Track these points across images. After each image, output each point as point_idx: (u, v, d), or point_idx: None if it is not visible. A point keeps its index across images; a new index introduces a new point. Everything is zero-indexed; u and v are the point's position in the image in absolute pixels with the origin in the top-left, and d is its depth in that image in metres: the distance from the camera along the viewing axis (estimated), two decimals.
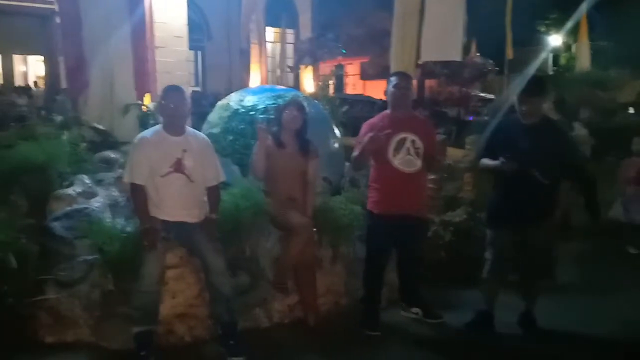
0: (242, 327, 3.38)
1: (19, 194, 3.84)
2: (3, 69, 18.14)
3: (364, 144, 3.50)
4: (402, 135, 3.54)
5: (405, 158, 3.54)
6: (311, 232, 3.67)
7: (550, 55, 17.86)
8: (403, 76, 3.79)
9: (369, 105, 12.34)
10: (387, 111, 3.72)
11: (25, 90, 16.11)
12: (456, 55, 6.76)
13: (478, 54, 14.40)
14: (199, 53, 18.14)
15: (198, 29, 15.47)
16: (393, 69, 6.52)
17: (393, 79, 3.71)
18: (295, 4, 17.68)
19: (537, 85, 3.50)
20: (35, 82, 18.19)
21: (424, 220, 3.81)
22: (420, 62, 7.91)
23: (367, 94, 16.37)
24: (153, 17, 5.56)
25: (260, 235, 3.71)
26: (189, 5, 5.89)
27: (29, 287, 3.29)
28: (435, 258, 4.36)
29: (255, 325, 3.61)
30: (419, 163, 3.57)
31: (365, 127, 3.66)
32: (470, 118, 11.97)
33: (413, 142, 3.55)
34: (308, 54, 15.82)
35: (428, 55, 6.90)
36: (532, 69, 6.28)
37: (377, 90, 16.60)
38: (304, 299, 3.70)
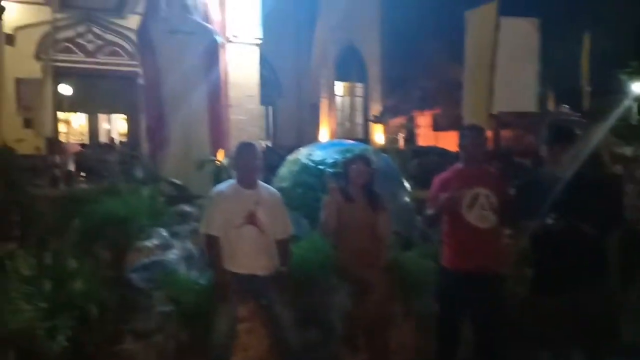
0: None
1: (102, 246, 4.16)
2: (89, 127, 19.85)
3: (438, 203, 3.55)
4: (476, 190, 3.55)
5: (479, 213, 3.53)
6: (382, 287, 3.70)
7: (635, 104, 17.12)
8: (475, 129, 3.83)
9: (442, 157, 12.29)
10: (460, 165, 3.76)
11: (109, 146, 17.45)
12: (530, 106, 6.71)
13: (566, 105, 14.16)
14: (270, 108, 19.00)
15: (269, 85, 16.30)
16: (466, 121, 6.56)
17: (465, 133, 3.76)
18: (364, 58, 18.28)
19: (558, 133, 3.47)
20: (112, 139, 19.68)
21: (499, 276, 3.74)
22: (494, 112, 7.88)
23: (440, 145, 16.34)
24: (228, 77, 5.98)
25: (330, 289, 3.79)
26: (261, 63, 6.29)
27: (107, 337, 3.52)
28: (511, 315, 4.16)
29: None
30: (494, 218, 3.55)
31: (436, 182, 3.70)
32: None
33: (487, 197, 3.54)
34: (391, 108, 16.12)
35: (501, 106, 6.89)
36: (614, 118, 6.10)
37: (450, 141, 16.53)
38: (375, 357, 3.69)
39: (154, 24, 5.68)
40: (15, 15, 14.71)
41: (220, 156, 5.52)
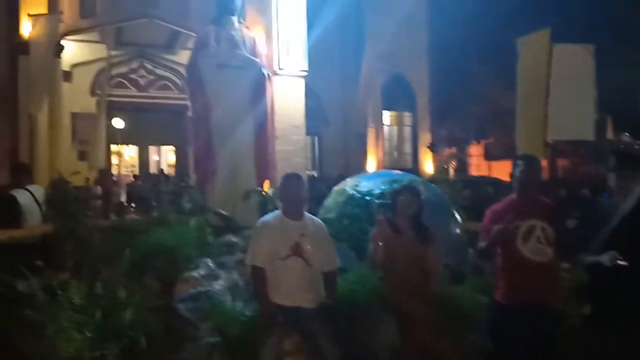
0: None
1: (151, 276, 4.29)
2: (140, 158, 20.66)
3: (491, 235, 3.49)
4: (531, 222, 3.47)
5: (535, 247, 3.44)
6: (431, 321, 3.64)
7: None
8: (529, 159, 3.76)
9: (495, 187, 12.08)
10: (513, 196, 3.69)
11: (159, 177, 18.08)
12: (586, 134, 6.54)
13: (627, 134, 13.74)
14: (316, 138, 19.23)
15: (315, 114, 16.54)
16: (519, 150, 6.45)
17: (519, 163, 3.68)
18: (411, 87, 18.30)
19: (625, 160, 3.37)
20: (162, 170, 20.34)
21: (555, 311, 3.62)
22: (549, 141, 7.72)
23: (493, 175, 16.05)
24: (274, 109, 6.14)
25: (377, 322, 3.75)
26: (306, 93, 6.43)
27: None
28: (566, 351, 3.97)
29: None
30: (550, 251, 3.45)
31: (489, 214, 3.65)
32: (605, 196, 11.17)
33: (543, 229, 3.46)
34: (446, 138, 16.04)
35: (556, 134, 6.75)
36: None
37: (503, 171, 16.21)
38: None
39: (203, 59, 5.93)
40: (72, 53, 15.63)
41: (266, 187, 5.64)
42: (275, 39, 6.05)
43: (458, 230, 4.82)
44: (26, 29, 14.03)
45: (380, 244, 3.81)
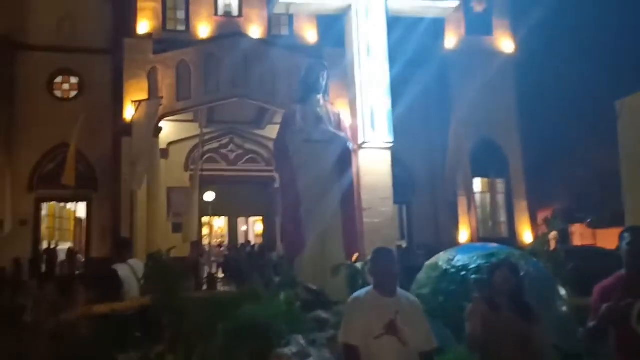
0: None
1: (242, 351, 4.35)
2: (229, 228, 21.44)
3: (600, 315, 3.27)
4: None
5: None
6: None
7: None
8: (637, 231, 3.54)
9: (602, 258, 11.26)
10: (622, 271, 3.46)
11: (248, 247, 18.62)
12: None
13: None
14: (404, 206, 19.09)
15: (403, 183, 16.53)
16: (627, 221, 6.07)
17: (626, 235, 3.49)
18: (502, 151, 17.91)
19: None
20: (249, 242, 20.89)
21: None
22: None
23: (599, 244, 15.05)
24: (360, 181, 6.22)
25: None
26: (393, 162, 6.47)
27: None
28: None
29: None
30: None
31: (598, 290, 3.44)
32: None
33: None
34: (562, 212, 15.39)
35: None
36: None
37: (610, 240, 15.16)
38: None
39: (291, 135, 6.20)
40: (168, 132, 16.96)
41: (355, 260, 5.63)
42: (360, 112, 6.21)
43: (565, 308, 4.53)
44: (129, 113, 15.48)
45: (477, 323, 3.64)
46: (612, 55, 17.67)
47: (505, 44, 19.35)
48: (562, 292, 4.69)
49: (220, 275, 17.35)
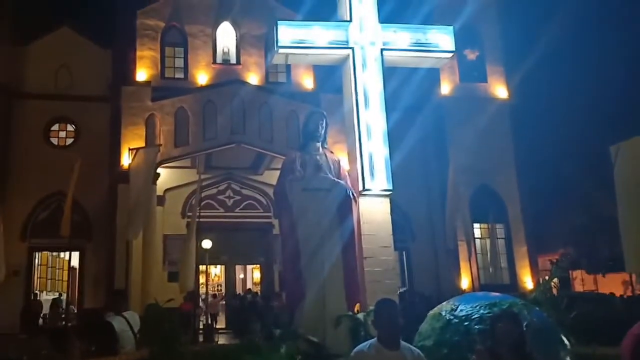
0: None
1: None
2: (226, 276, 21.18)
3: None
4: None
5: None
6: None
7: None
8: None
9: (605, 303, 11.21)
10: None
11: (248, 295, 18.31)
12: None
13: None
14: (404, 253, 19.03)
15: (402, 230, 16.55)
16: (627, 265, 6.09)
17: None
18: (501, 197, 18.02)
19: None
20: (249, 290, 20.61)
21: None
22: None
23: (600, 290, 14.97)
24: (361, 229, 6.25)
25: None
26: (392, 208, 6.51)
27: None
28: None
29: None
30: None
31: (631, 338, 3.20)
32: None
33: None
34: (567, 259, 15.36)
35: None
36: None
37: (611, 285, 15.11)
38: None
39: (290, 183, 6.26)
40: (165, 178, 17.01)
41: (357, 311, 5.60)
42: (359, 161, 6.29)
43: (569, 358, 4.50)
44: (126, 160, 15.60)
45: None
46: (606, 100, 18.07)
47: (500, 90, 19.78)
48: (566, 341, 4.66)
49: (218, 326, 17.08)
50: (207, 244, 17.35)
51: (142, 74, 18.48)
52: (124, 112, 16.29)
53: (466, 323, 4.60)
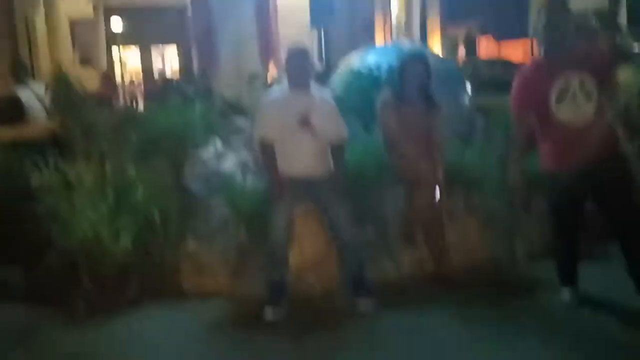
0: (370, 277, 3.49)
1: (159, 158, 4.31)
2: (143, 63, 20.22)
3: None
4: (565, 79, 2.96)
5: (572, 107, 2.95)
6: (436, 183, 3.67)
7: None
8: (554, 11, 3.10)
9: (509, 69, 11.68)
10: (540, 58, 3.18)
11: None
12: None
13: None
14: (322, 30, 18.55)
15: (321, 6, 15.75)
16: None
17: (542, 18, 3.07)
18: None
19: None
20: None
21: (618, 155, 3.07)
22: None
23: (503, 56, 15.45)
24: None
25: (385, 189, 3.79)
26: None
27: (170, 239, 3.70)
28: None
29: (384, 277, 3.68)
30: (591, 110, 2.94)
31: (520, 81, 3.14)
32: None
33: (582, 84, 2.94)
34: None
35: None
36: None
37: (511, 52, 15.60)
38: (432, 252, 3.73)
39: None
40: None
41: (272, 68, 5.53)
42: None
43: (468, 101, 4.74)
44: None
45: (388, 114, 3.74)
46: None
47: None
48: (468, 86, 4.86)
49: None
50: (117, 23, 16.00)
51: None
52: None
53: (376, 72, 4.62)
